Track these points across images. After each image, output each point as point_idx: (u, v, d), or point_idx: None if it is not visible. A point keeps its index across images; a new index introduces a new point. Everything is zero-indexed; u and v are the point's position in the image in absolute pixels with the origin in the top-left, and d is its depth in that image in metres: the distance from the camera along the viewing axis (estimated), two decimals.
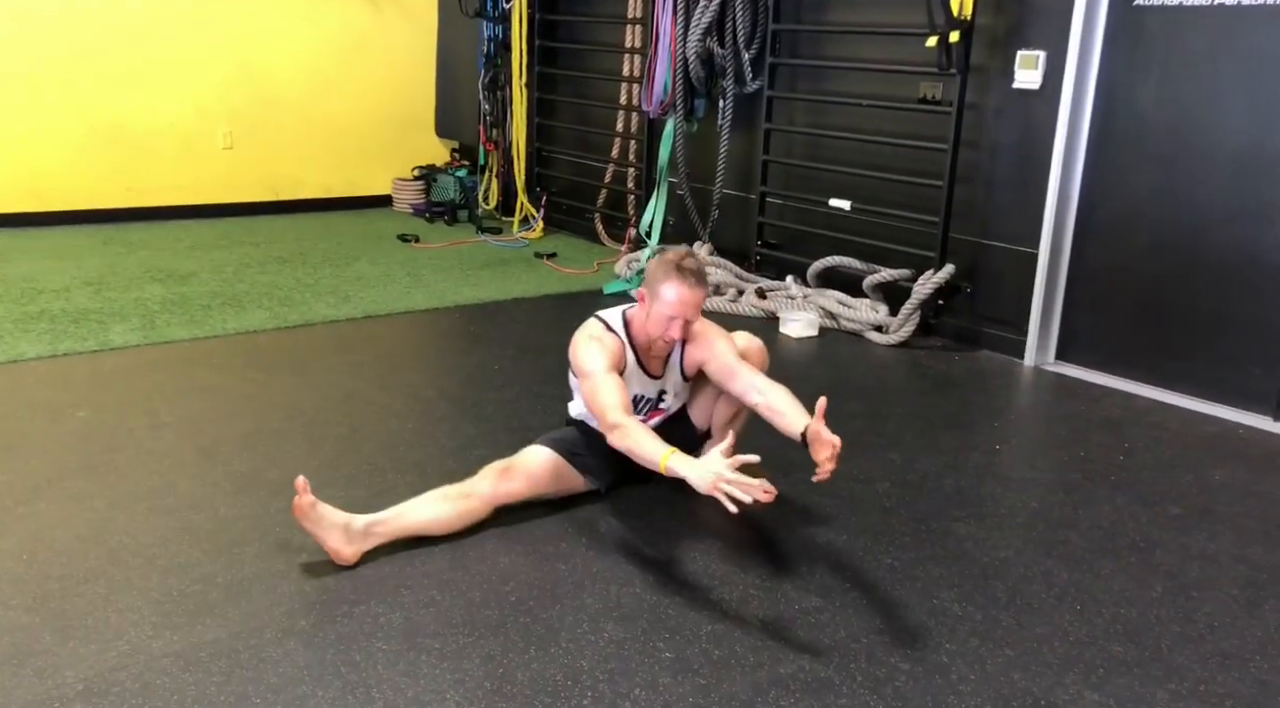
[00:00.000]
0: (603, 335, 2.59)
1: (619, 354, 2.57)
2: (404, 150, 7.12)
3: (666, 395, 2.77)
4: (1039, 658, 2.13)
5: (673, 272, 2.51)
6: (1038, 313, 4.17)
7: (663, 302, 2.51)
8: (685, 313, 2.52)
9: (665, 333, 2.55)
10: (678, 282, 2.50)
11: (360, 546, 2.39)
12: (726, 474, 2.15)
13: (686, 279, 2.50)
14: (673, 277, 2.50)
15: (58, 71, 5.83)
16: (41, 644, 2.04)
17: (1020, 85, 4.11)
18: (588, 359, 2.54)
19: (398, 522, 2.45)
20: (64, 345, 3.88)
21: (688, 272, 2.51)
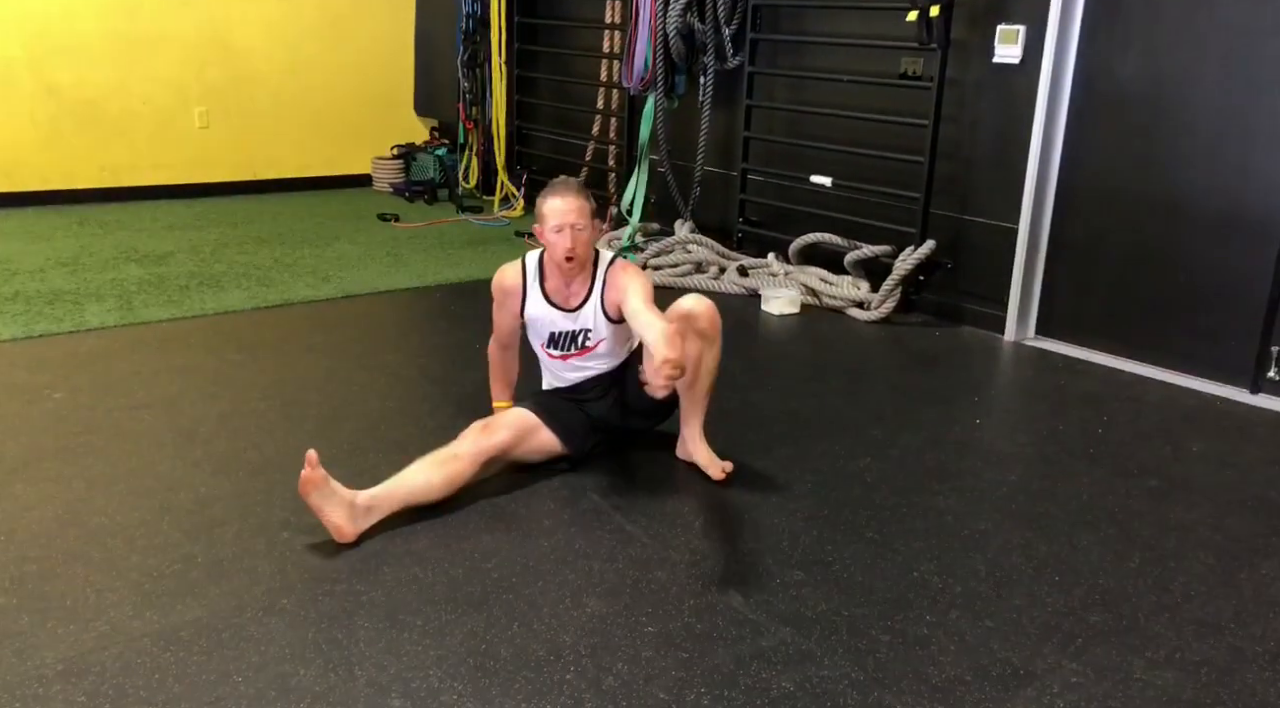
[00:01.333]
0: (503, 271, 2.81)
1: (511, 289, 2.78)
2: (383, 129, 7.06)
3: (591, 335, 2.78)
4: (1018, 629, 2.15)
5: (548, 190, 2.67)
6: (1018, 288, 4.18)
7: (546, 221, 2.64)
8: (567, 219, 2.60)
9: (558, 249, 2.63)
10: (552, 194, 2.65)
11: (363, 522, 2.38)
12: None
13: (559, 190, 2.65)
14: (548, 193, 2.66)
15: (27, 47, 5.74)
16: (20, 625, 2.02)
17: (1000, 60, 4.11)
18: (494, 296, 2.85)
19: (394, 494, 2.46)
20: (39, 327, 3.83)
21: (560, 184, 2.68)
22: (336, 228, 5.77)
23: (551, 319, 2.77)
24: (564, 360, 2.83)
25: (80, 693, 1.84)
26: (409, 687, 1.89)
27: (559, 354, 2.82)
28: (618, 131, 5.98)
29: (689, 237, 5.16)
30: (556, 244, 2.64)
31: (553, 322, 2.77)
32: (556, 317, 2.76)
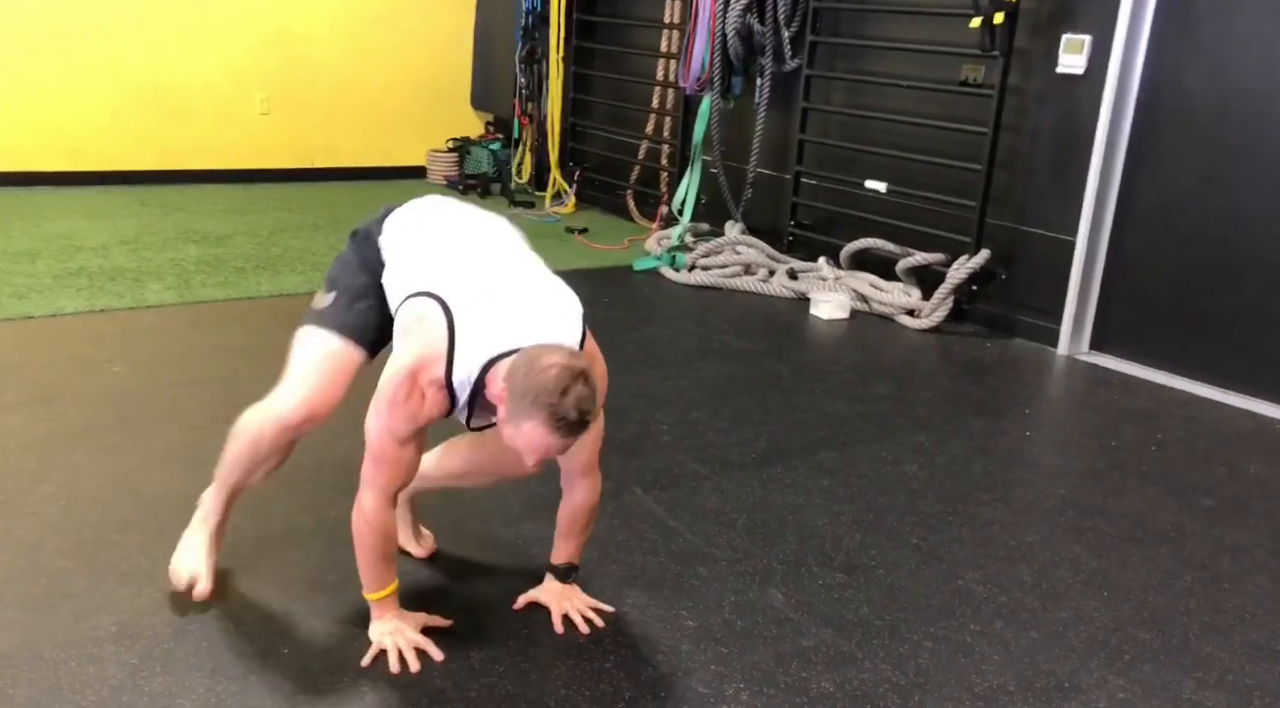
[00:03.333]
0: (429, 390, 1.79)
1: (440, 413, 1.84)
2: (439, 122, 7.12)
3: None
4: (1063, 642, 2.12)
5: (543, 410, 1.67)
6: (1073, 301, 4.12)
7: (521, 433, 1.72)
8: (548, 456, 1.79)
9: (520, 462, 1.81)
10: (547, 429, 1.69)
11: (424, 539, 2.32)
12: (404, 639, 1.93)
13: (558, 429, 1.69)
14: (542, 416, 1.68)
15: (97, 33, 5.87)
16: (77, 588, 2.08)
17: (1064, 69, 4.05)
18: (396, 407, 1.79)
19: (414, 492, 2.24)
20: (101, 302, 3.92)
21: (564, 423, 1.68)
22: None
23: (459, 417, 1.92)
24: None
25: (133, 655, 1.88)
26: (449, 666, 1.91)
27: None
28: (672, 131, 5.99)
29: (739, 238, 5.15)
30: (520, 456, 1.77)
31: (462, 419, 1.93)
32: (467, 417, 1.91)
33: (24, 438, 2.73)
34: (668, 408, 3.29)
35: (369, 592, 1.94)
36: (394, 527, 1.93)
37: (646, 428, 3.10)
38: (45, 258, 4.45)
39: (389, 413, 1.80)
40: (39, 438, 2.74)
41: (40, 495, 2.44)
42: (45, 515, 2.35)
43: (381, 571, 1.92)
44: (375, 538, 1.88)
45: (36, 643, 1.89)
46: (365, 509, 1.86)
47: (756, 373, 3.71)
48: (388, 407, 1.79)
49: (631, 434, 3.05)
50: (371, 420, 1.83)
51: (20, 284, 4.05)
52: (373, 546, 1.89)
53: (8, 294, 3.91)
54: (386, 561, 1.92)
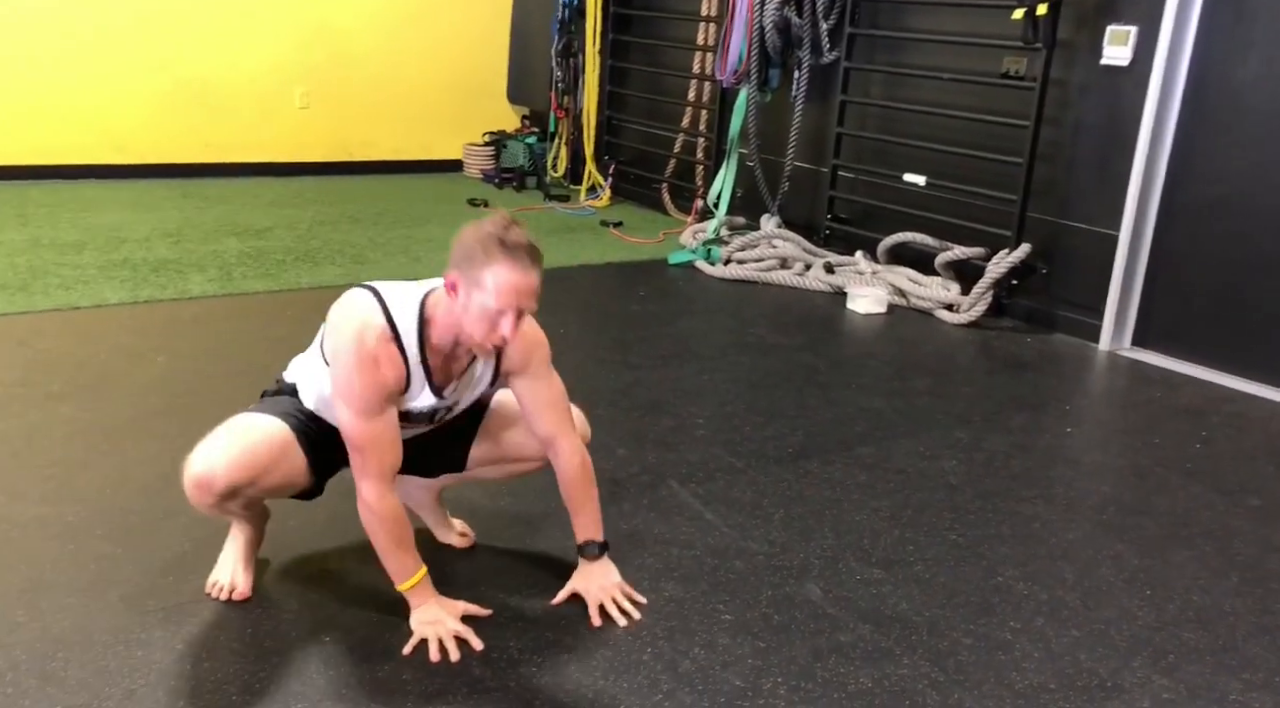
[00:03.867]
0: (379, 348, 1.81)
1: (397, 376, 1.85)
2: (476, 116, 7.16)
3: (457, 407, 2.05)
4: (1106, 640, 2.10)
5: (496, 249, 1.74)
6: (1115, 296, 4.06)
7: (486, 291, 1.75)
8: (520, 303, 1.78)
9: (491, 336, 1.80)
10: (506, 262, 1.74)
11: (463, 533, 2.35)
12: (445, 629, 1.93)
13: (518, 257, 1.75)
14: (497, 255, 1.74)
15: (143, 31, 5.96)
16: (124, 574, 2.11)
17: (1109, 61, 3.99)
18: (352, 392, 1.81)
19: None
20: (145, 293, 3.99)
21: (517, 248, 1.76)
22: (428, 211, 5.88)
23: (423, 399, 1.95)
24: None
25: (179, 641, 1.91)
26: (489, 657, 1.92)
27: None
28: (708, 124, 5.97)
29: (775, 232, 5.13)
30: (488, 329, 1.79)
31: (418, 401, 1.95)
32: (427, 396, 1.94)
33: (72, 426, 2.79)
34: (703, 402, 3.29)
35: (399, 583, 1.95)
36: (401, 511, 1.92)
37: (682, 422, 3.10)
38: (91, 249, 4.53)
39: (350, 392, 1.82)
40: (86, 426, 2.79)
41: (87, 482, 2.48)
42: (92, 502, 2.39)
43: (404, 558, 1.93)
44: (386, 525, 1.88)
45: (86, 627, 1.93)
46: (367, 500, 1.86)
47: (792, 367, 3.70)
48: (346, 384, 1.82)
49: (667, 428, 3.05)
50: (339, 412, 1.85)
51: (67, 275, 4.12)
52: (387, 533, 1.89)
53: (55, 285, 3.99)
54: (405, 547, 1.92)
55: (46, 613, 1.96)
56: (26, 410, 2.87)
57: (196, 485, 1.87)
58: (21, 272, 4.12)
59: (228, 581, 2.07)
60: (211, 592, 2.06)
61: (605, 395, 3.26)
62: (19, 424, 2.78)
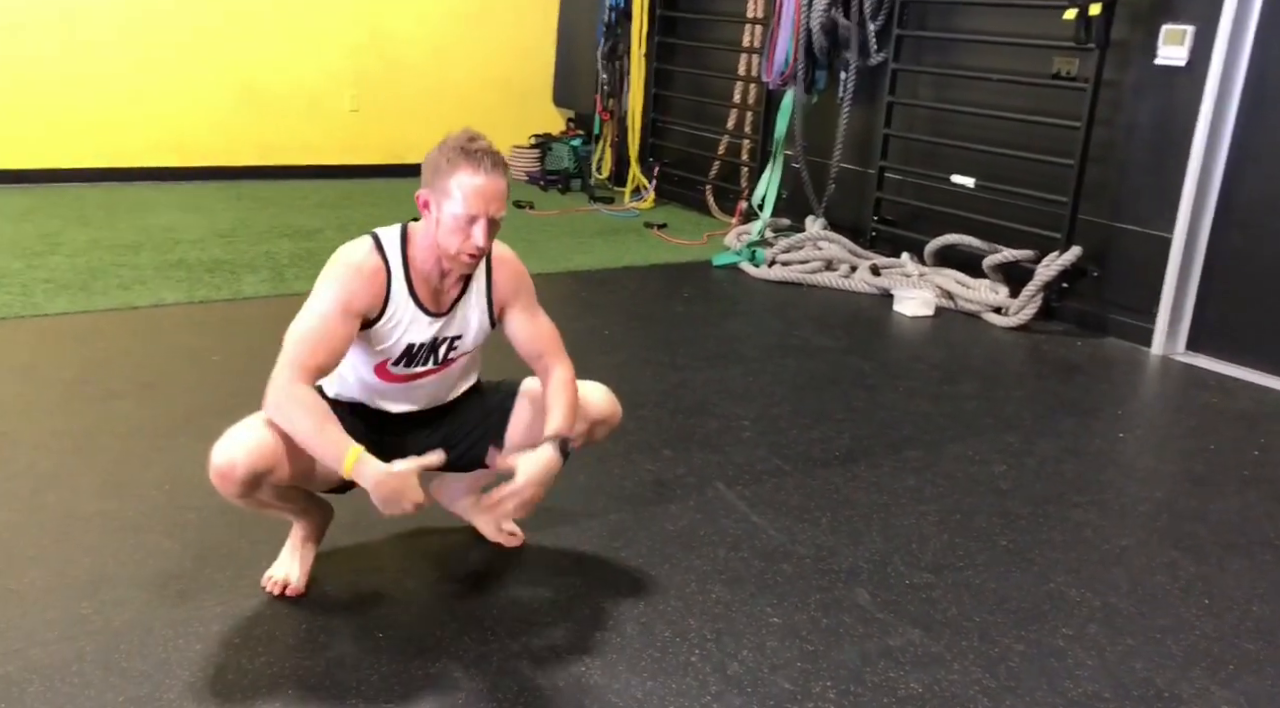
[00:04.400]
0: (362, 261, 1.90)
1: (373, 292, 1.90)
2: (522, 118, 7.20)
3: (460, 344, 2.06)
4: (1162, 650, 2.06)
5: (459, 157, 1.84)
6: (1169, 300, 4.00)
7: (454, 199, 1.84)
8: (487, 208, 1.85)
9: (465, 244, 1.86)
10: (469, 166, 1.83)
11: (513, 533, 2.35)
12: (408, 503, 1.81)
13: (480, 162, 1.84)
14: (461, 161, 1.84)
15: (200, 37, 6.07)
16: (181, 569, 2.16)
17: (1164, 61, 3.93)
18: (320, 288, 1.89)
19: None
20: (200, 293, 4.07)
21: (479, 153, 1.85)
22: None
23: (414, 326, 1.98)
24: (406, 383, 2.06)
25: (236, 635, 1.95)
26: (537, 655, 1.94)
27: (405, 374, 2.04)
28: (753, 126, 5.96)
29: (820, 233, 5.11)
30: (461, 239, 1.86)
31: (414, 330, 1.98)
32: (422, 323, 1.98)
33: (131, 423, 2.85)
34: (749, 404, 3.28)
35: (340, 463, 1.78)
36: (317, 396, 1.85)
37: (728, 424, 3.10)
38: (148, 250, 4.63)
39: (316, 292, 1.88)
40: (145, 424, 2.85)
41: (147, 479, 2.54)
42: (151, 499, 2.45)
43: (334, 434, 1.80)
44: (305, 401, 1.81)
45: (147, 620, 1.98)
46: (282, 383, 1.82)
47: (839, 370, 3.68)
48: (318, 290, 1.88)
49: (713, 430, 3.05)
50: (311, 301, 1.88)
51: (125, 275, 4.22)
52: (308, 413, 1.81)
53: (113, 285, 4.08)
54: (331, 421, 1.82)
55: (109, 606, 2.01)
56: (87, 408, 2.94)
57: (219, 475, 1.87)
58: (82, 272, 4.22)
59: (282, 576, 2.11)
60: (267, 586, 2.10)
61: (650, 397, 3.27)
62: (81, 422, 2.85)
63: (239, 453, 1.87)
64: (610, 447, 2.84)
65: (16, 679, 1.79)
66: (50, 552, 2.19)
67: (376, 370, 2.01)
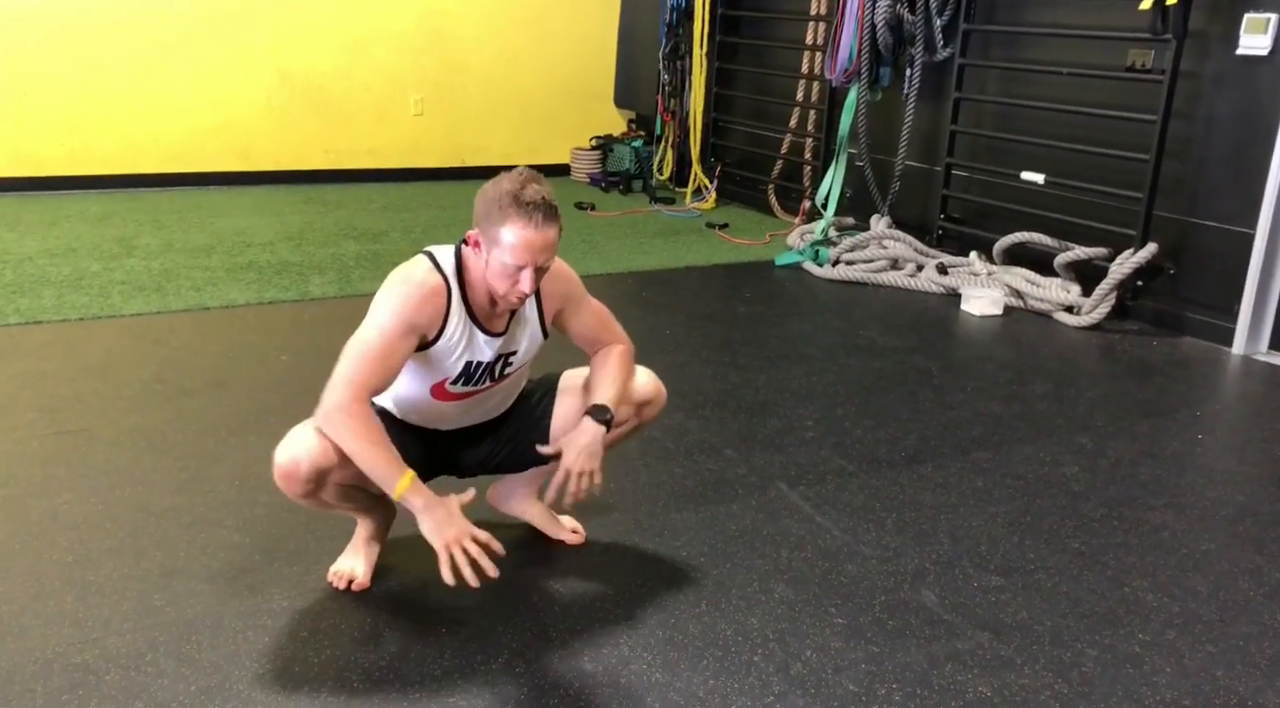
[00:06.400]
0: (423, 279, 1.89)
1: (433, 310, 1.89)
2: (583, 120, 7.23)
3: (516, 357, 2.06)
4: (1245, 657, 1.99)
5: (511, 206, 1.80)
6: (1250, 298, 3.86)
7: (503, 247, 1.81)
8: (535, 259, 1.83)
9: (512, 290, 1.86)
10: (520, 219, 1.80)
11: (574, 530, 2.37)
12: (469, 539, 1.82)
13: (531, 215, 1.80)
14: (512, 212, 1.80)
15: (266, 43, 6.21)
16: (252, 562, 2.20)
17: (1245, 51, 3.80)
18: (380, 305, 1.87)
19: None
20: (269, 294, 4.15)
21: (531, 205, 1.80)
22: None
23: (473, 346, 1.97)
24: (465, 400, 2.06)
25: (303, 629, 1.98)
26: (600, 652, 1.93)
27: (463, 392, 2.03)
28: (816, 124, 5.90)
29: (885, 232, 5.04)
30: (509, 284, 1.85)
31: (474, 348, 1.97)
32: (480, 342, 1.97)
33: (203, 421, 2.92)
34: (812, 404, 3.25)
35: (391, 487, 1.82)
36: (373, 416, 1.86)
37: (790, 424, 3.07)
38: (219, 253, 4.74)
39: (378, 311, 1.86)
40: (216, 421, 2.92)
41: (218, 475, 2.59)
42: (222, 494, 2.50)
43: (388, 457, 1.82)
44: (359, 424, 1.81)
45: (217, 613, 2.01)
46: (338, 403, 1.81)
47: (904, 370, 3.62)
48: (376, 308, 1.87)
49: (775, 429, 3.02)
50: (371, 317, 1.87)
51: (197, 277, 4.32)
52: (364, 434, 1.81)
53: (186, 286, 4.18)
54: (386, 445, 1.83)
55: (181, 598, 2.06)
56: (161, 405, 3.02)
57: (283, 475, 1.91)
58: (156, 274, 4.34)
59: (348, 571, 2.13)
60: (333, 581, 2.13)
61: (712, 396, 3.25)
62: (155, 418, 2.92)
63: (302, 452, 1.90)
64: (672, 446, 2.84)
65: (94, 668, 1.84)
66: (125, 545, 2.25)
67: (434, 391, 2.01)
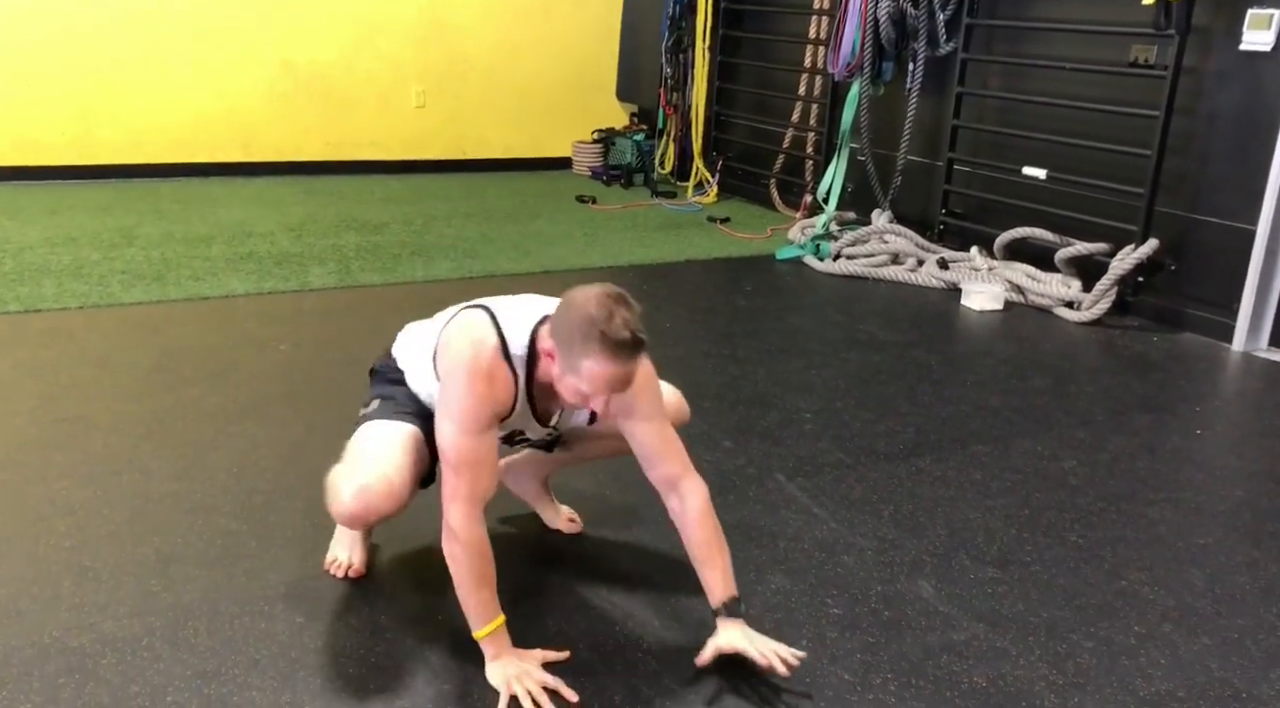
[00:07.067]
0: (493, 369, 1.77)
1: (505, 401, 1.81)
2: (585, 113, 7.23)
3: (553, 433, 2.06)
4: (1241, 650, 1.99)
5: (596, 342, 1.64)
6: (1251, 294, 3.86)
7: (581, 377, 1.68)
8: (613, 391, 1.73)
9: (585, 409, 1.87)
10: (603, 355, 1.65)
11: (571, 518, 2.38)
12: (533, 682, 1.77)
13: (618, 354, 1.65)
14: (595, 347, 1.64)
15: (267, 33, 6.20)
16: (249, 549, 2.20)
17: (1248, 47, 3.79)
18: (460, 395, 1.75)
19: None
20: (269, 284, 4.15)
21: (620, 344, 1.64)
22: (537, 207, 5.96)
23: (527, 426, 1.97)
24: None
25: (300, 614, 1.98)
26: (595, 640, 1.94)
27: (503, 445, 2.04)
28: (818, 118, 5.90)
29: (886, 227, 5.03)
30: (581, 402, 1.76)
31: (524, 425, 1.96)
32: (533, 425, 1.97)
33: (201, 409, 2.92)
34: (811, 397, 3.25)
35: (477, 628, 1.80)
36: (487, 544, 1.78)
37: (789, 416, 3.07)
38: (219, 243, 4.74)
39: (460, 405, 1.75)
40: (214, 410, 2.92)
41: (215, 462, 2.60)
42: (219, 481, 2.50)
43: (485, 598, 1.79)
44: (472, 556, 1.75)
45: (214, 599, 2.02)
46: (455, 526, 1.75)
47: (904, 364, 3.62)
48: (458, 399, 1.75)
49: (774, 422, 3.02)
50: (443, 427, 1.77)
51: (197, 267, 4.32)
52: (471, 566, 1.76)
53: (186, 276, 4.18)
54: (489, 584, 1.79)
55: (178, 584, 2.06)
56: (160, 394, 3.02)
57: (351, 517, 1.88)
58: (156, 264, 4.34)
59: (345, 559, 2.13)
60: (330, 569, 2.13)
61: (711, 389, 3.25)
62: (153, 407, 2.92)
63: (375, 501, 1.86)
64: None
65: (90, 652, 1.84)
66: (123, 531, 2.25)
67: None
